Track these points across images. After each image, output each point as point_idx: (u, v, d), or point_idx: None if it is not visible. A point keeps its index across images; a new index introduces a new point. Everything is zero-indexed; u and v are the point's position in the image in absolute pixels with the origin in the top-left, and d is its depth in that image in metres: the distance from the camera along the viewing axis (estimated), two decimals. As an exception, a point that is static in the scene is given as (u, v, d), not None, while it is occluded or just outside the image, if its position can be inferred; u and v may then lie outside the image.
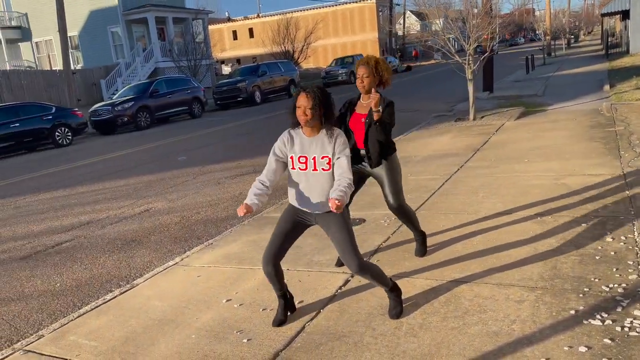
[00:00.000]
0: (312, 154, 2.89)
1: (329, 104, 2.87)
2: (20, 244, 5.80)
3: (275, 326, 3.12)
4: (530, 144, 7.45)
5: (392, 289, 3.08)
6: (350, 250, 2.87)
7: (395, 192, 3.61)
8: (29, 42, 34.40)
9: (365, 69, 3.48)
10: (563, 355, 2.49)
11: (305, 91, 2.84)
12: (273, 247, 2.99)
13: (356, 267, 2.87)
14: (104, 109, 17.72)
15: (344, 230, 2.90)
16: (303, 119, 2.83)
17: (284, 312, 3.18)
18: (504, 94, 15.06)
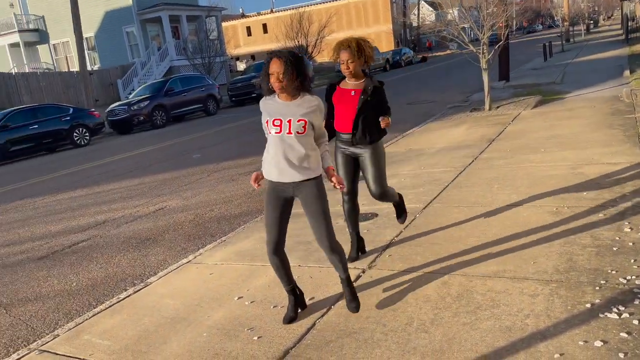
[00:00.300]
0: (288, 117, 2.78)
1: (303, 69, 2.75)
2: (38, 244, 5.89)
3: (286, 323, 3.10)
4: (547, 133, 7.31)
5: (348, 278, 3.10)
6: (323, 225, 2.86)
7: (379, 178, 3.57)
8: (47, 44, 34.90)
9: (348, 54, 3.40)
10: (578, 350, 2.43)
11: (277, 56, 2.72)
12: (271, 238, 2.96)
13: (328, 246, 2.88)
14: (120, 108, 17.91)
15: (319, 203, 2.86)
16: (277, 85, 2.72)
17: (294, 308, 3.16)
18: (521, 83, 14.82)
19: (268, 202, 2.95)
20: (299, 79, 2.73)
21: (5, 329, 3.87)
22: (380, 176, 3.59)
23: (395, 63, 37.02)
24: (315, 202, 2.86)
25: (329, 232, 2.89)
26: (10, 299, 4.43)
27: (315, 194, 2.86)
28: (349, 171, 3.66)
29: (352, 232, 3.88)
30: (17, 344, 3.60)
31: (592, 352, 2.40)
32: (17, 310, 4.18)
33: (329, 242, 2.91)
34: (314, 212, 2.87)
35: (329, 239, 2.90)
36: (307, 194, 2.87)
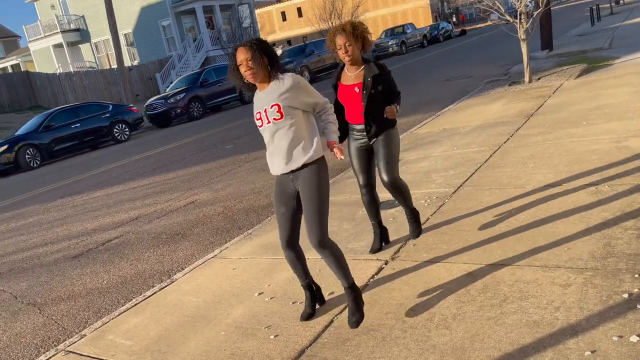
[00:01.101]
0: (264, 106, 2.67)
1: (270, 51, 2.64)
2: (74, 243, 6.03)
3: (303, 320, 3.01)
4: (591, 104, 6.86)
5: (352, 285, 2.81)
6: (315, 217, 2.65)
7: (391, 166, 3.36)
8: (88, 43, 35.91)
9: (345, 37, 3.21)
10: (612, 346, 2.22)
11: (240, 45, 2.62)
12: (284, 233, 2.85)
13: (317, 242, 2.66)
14: (158, 102, 18.22)
15: (313, 190, 2.68)
16: (249, 74, 2.60)
17: (312, 304, 3.06)
18: (565, 51, 14.05)
19: (275, 197, 2.86)
20: (267, 61, 2.63)
21: (38, 329, 3.97)
22: (392, 162, 3.38)
23: (433, 38, 35.99)
24: (308, 188, 2.69)
25: (319, 224, 2.66)
26: (45, 298, 4.54)
27: (310, 180, 2.70)
28: (363, 162, 3.49)
29: (374, 223, 3.71)
30: (48, 344, 3.68)
31: (627, 348, 2.19)
32: (50, 309, 4.28)
33: (318, 236, 2.66)
34: (305, 199, 2.69)
35: (318, 232, 2.66)
36: (302, 180, 2.72)
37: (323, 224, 2.68)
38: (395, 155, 3.41)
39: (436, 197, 4.63)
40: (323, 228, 2.68)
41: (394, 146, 3.40)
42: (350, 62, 3.30)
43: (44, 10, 37.64)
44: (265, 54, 2.61)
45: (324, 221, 2.69)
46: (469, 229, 3.77)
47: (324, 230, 2.68)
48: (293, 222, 2.85)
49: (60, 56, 35.75)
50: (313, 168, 2.73)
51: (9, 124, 23.53)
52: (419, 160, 6.08)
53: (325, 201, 2.72)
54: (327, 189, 2.76)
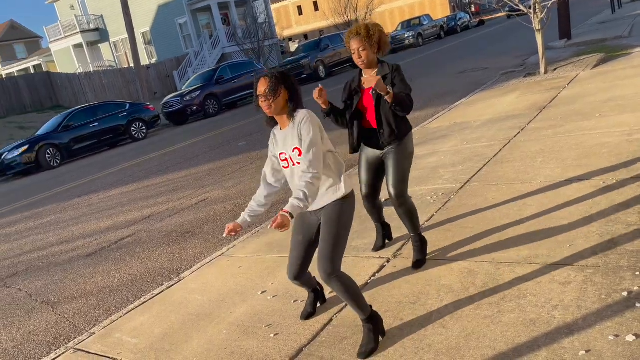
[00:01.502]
0: (289, 147, 2.58)
1: (291, 85, 2.52)
2: (88, 241, 6.16)
3: (303, 319, 3.03)
4: (605, 96, 6.73)
5: (369, 318, 2.58)
6: (327, 252, 2.49)
7: (400, 180, 3.19)
8: (107, 42, 36.38)
9: (358, 42, 3.09)
10: (607, 345, 2.20)
11: (261, 75, 2.53)
12: (295, 262, 2.77)
13: (325, 274, 2.46)
14: (174, 100, 18.41)
15: (334, 223, 2.57)
16: (265, 106, 2.50)
17: (313, 303, 3.08)
18: (584, 40, 13.76)
19: (294, 224, 2.77)
20: (290, 99, 2.52)
21: (50, 327, 4.07)
22: (402, 180, 3.20)
23: (450, 29, 35.57)
24: (329, 218, 2.58)
25: (331, 254, 2.49)
26: (58, 297, 4.65)
27: (332, 212, 2.59)
28: (371, 175, 3.36)
29: (376, 223, 3.69)
30: (59, 342, 3.77)
31: (622, 347, 2.17)
32: (63, 308, 4.38)
33: (326, 268, 2.46)
34: (323, 228, 2.58)
35: (327, 263, 2.47)
36: (326, 214, 2.61)
37: (335, 255, 2.50)
38: (406, 172, 3.23)
39: (442, 193, 4.61)
40: (334, 260, 2.50)
41: (406, 159, 3.22)
42: (364, 66, 3.18)
43: (63, 11, 38.25)
44: (285, 87, 2.50)
45: (336, 253, 2.51)
46: (473, 225, 3.75)
47: (335, 262, 2.50)
48: (307, 252, 2.77)
49: (81, 56, 36.33)
50: (338, 203, 2.62)
51: (31, 124, 24.03)
52: (427, 155, 6.04)
53: (343, 235, 2.57)
54: (349, 223, 2.63)
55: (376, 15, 35.17)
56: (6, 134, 22.73)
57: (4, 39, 54.51)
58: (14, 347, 3.87)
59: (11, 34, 55.48)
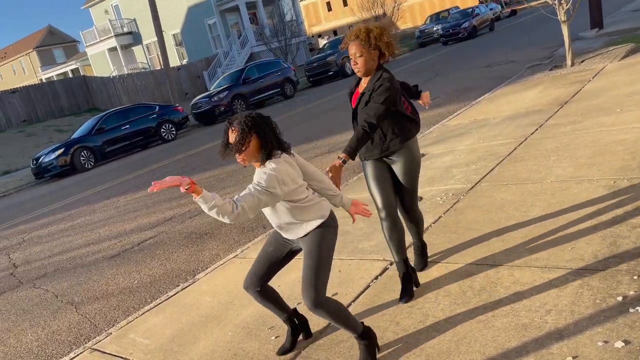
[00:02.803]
0: None
1: (262, 131, 2.31)
2: (113, 243, 6.40)
3: (279, 355, 2.82)
4: (629, 90, 6.55)
5: (362, 335, 2.52)
6: (309, 280, 2.40)
7: (411, 195, 3.02)
8: (140, 45, 37.24)
9: (355, 47, 2.82)
10: (594, 352, 2.19)
11: (230, 125, 2.34)
12: (251, 271, 2.68)
13: (310, 302, 2.37)
14: (203, 100, 18.74)
15: (313, 256, 2.45)
16: (239, 159, 2.34)
17: (292, 338, 2.85)
18: (617, 29, 13.33)
19: (270, 237, 2.73)
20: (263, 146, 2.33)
21: (73, 326, 4.27)
22: (412, 192, 3.03)
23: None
24: (312, 247, 2.47)
25: (314, 282, 2.39)
26: (82, 297, 4.87)
27: (311, 244, 2.48)
28: (381, 179, 3.00)
29: (399, 261, 3.07)
30: (79, 342, 3.96)
31: (609, 354, 2.16)
32: (86, 308, 4.59)
33: (311, 296, 2.37)
34: (305, 265, 2.46)
35: (311, 291, 2.37)
36: (308, 240, 2.51)
37: (318, 282, 2.40)
38: (416, 184, 3.05)
39: (452, 194, 4.60)
40: (318, 288, 2.39)
41: (414, 173, 3.02)
42: (360, 74, 2.91)
43: (98, 16, 39.34)
44: (256, 134, 2.30)
45: (319, 279, 2.41)
46: (478, 227, 3.75)
47: (319, 290, 2.39)
48: (271, 265, 2.67)
49: (115, 59, 37.32)
50: (322, 229, 2.51)
51: (68, 127, 24.88)
52: (443, 154, 6.02)
53: (326, 260, 2.47)
54: (332, 246, 2.52)
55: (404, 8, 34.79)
56: (45, 137, 23.61)
57: (43, 44, 56.45)
58: (37, 347, 4.08)
59: (49, 39, 57.40)
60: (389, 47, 2.88)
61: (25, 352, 4.04)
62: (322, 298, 2.40)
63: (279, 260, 2.69)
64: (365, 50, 2.82)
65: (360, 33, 2.84)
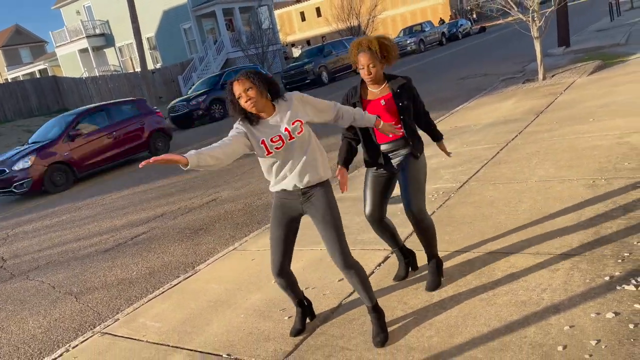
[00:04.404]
0: (283, 126, 2.62)
1: (268, 79, 2.64)
2: (105, 238, 6.44)
3: (293, 336, 2.99)
4: (599, 102, 7.02)
5: (374, 307, 2.77)
6: (338, 238, 2.63)
7: (417, 194, 3.02)
8: (113, 47, 36.77)
9: (369, 58, 2.97)
10: (589, 322, 2.47)
11: (236, 78, 2.59)
12: (278, 258, 2.81)
13: (343, 262, 2.63)
14: (180, 104, 18.72)
15: (329, 211, 2.66)
16: (250, 104, 2.55)
17: (302, 320, 3.05)
18: (582, 47, 14.06)
19: (273, 220, 2.81)
20: (270, 91, 2.64)
21: (75, 314, 4.35)
22: (419, 192, 3.04)
23: (451, 36, 35.92)
24: (325, 211, 2.66)
25: (341, 246, 2.64)
26: (80, 288, 4.93)
27: (324, 202, 2.68)
28: (377, 192, 3.15)
29: (395, 249, 3.36)
30: (84, 328, 4.05)
31: (602, 323, 2.44)
32: (86, 297, 4.66)
33: (343, 259, 2.64)
34: (324, 221, 2.65)
35: (342, 253, 2.63)
36: (315, 203, 2.69)
37: (345, 244, 2.66)
38: (423, 185, 3.09)
39: (443, 192, 4.89)
40: (346, 248, 2.65)
41: (421, 173, 3.09)
42: (372, 82, 3.06)
43: (69, 16, 38.67)
44: (265, 82, 2.61)
45: (345, 241, 2.66)
46: (471, 220, 4.03)
47: (348, 250, 2.66)
48: (289, 246, 2.81)
49: (86, 60, 36.71)
50: (326, 188, 2.71)
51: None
52: (429, 157, 6.32)
53: (340, 220, 2.69)
54: (336, 204, 2.74)
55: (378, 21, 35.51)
56: (14, 137, 23.04)
57: (9, 44, 54.99)
58: (41, 333, 4.14)
59: (16, 38, 55.96)
60: (394, 58, 3.09)
61: (29, 338, 4.09)
62: (352, 257, 2.66)
63: (291, 237, 2.81)
64: (377, 60, 3.00)
65: (372, 44, 3.00)
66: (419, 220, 3.02)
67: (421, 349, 2.59)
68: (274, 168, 2.69)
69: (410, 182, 3.03)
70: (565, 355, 2.29)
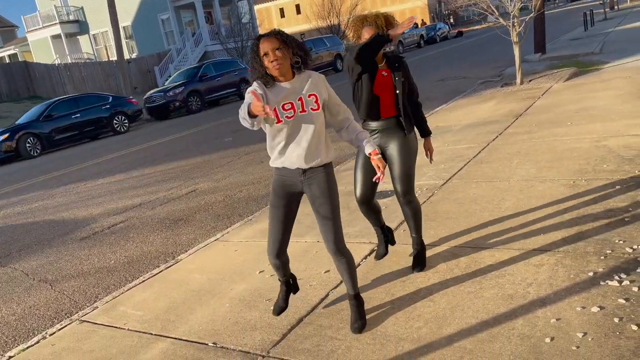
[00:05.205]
0: (297, 95, 2.54)
1: (299, 43, 2.53)
2: (80, 226, 6.30)
3: (276, 315, 3.00)
4: (576, 106, 7.19)
5: (356, 295, 2.82)
6: (333, 222, 2.63)
7: (408, 176, 3.12)
8: (87, 34, 35.97)
9: (375, 32, 2.95)
10: (575, 315, 2.53)
11: (266, 35, 2.48)
12: (277, 239, 2.75)
13: (335, 247, 2.64)
14: (157, 95, 18.43)
15: (329, 196, 2.63)
16: (275, 64, 2.44)
17: (286, 298, 3.02)
18: (558, 54, 14.39)
19: (275, 199, 2.73)
20: (296, 54, 2.51)
21: (50, 302, 4.23)
22: (409, 175, 3.13)
23: (430, 39, 36.36)
24: (325, 194, 2.62)
25: (336, 231, 2.64)
26: (55, 275, 4.80)
27: (325, 186, 2.63)
28: (368, 172, 3.18)
29: (377, 228, 3.48)
30: (61, 316, 3.94)
31: (588, 317, 2.50)
32: (61, 285, 4.54)
33: (336, 244, 2.65)
34: (322, 204, 2.63)
35: (336, 240, 2.64)
36: (317, 184, 2.63)
37: (340, 229, 2.65)
38: (413, 168, 3.16)
39: (426, 188, 4.94)
40: (340, 234, 2.65)
41: (412, 157, 3.15)
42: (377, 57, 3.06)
43: (43, 1, 37.64)
44: (294, 45, 2.50)
45: (340, 226, 2.66)
46: (455, 216, 4.08)
47: (342, 236, 2.66)
48: (289, 226, 2.75)
49: (58, 47, 35.80)
50: (329, 171, 2.67)
51: (7, 113, 23.64)
52: (411, 155, 6.37)
53: (338, 207, 2.67)
54: (337, 188, 2.71)
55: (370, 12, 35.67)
56: (-19, 122, 22.32)
57: (-22, 27, 53.18)
58: (15, 320, 4.02)
59: (-15, 21, 54.17)
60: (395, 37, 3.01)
61: (3, 325, 3.97)
62: (344, 244, 2.68)
63: (292, 218, 2.76)
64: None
65: (378, 20, 3.02)
66: (409, 201, 3.15)
67: (411, 340, 2.61)
68: (279, 142, 2.60)
69: (401, 165, 3.11)
70: (553, 346, 2.33)
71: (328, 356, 2.60)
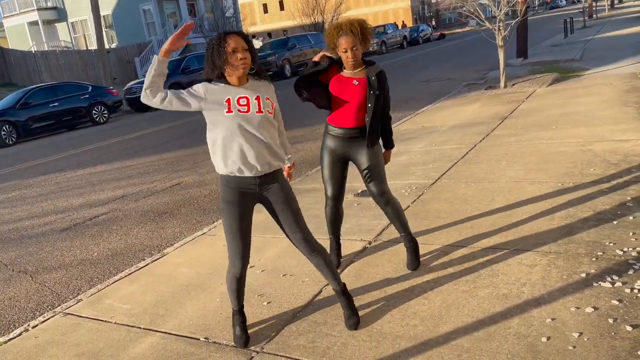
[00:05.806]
0: (255, 94, 2.48)
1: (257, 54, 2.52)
2: (61, 217, 6.14)
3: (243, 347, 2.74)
4: (560, 111, 7.30)
5: (343, 291, 2.80)
6: (303, 221, 2.66)
7: (381, 177, 3.17)
8: (65, 22, 35.17)
9: (352, 41, 2.92)
10: (569, 315, 2.55)
11: (234, 33, 2.42)
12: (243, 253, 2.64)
13: (311, 248, 2.66)
14: (138, 86, 18.11)
15: (294, 197, 2.66)
16: (243, 63, 2.38)
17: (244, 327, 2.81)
18: (539, 60, 14.61)
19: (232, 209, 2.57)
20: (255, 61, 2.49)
21: (31, 294, 4.11)
22: (382, 174, 3.17)
23: (412, 40, 36.58)
24: (286, 197, 2.61)
25: (305, 230, 2.66)
26: (36, 267, 4.67)
27: (286, 189, 2.63)
28: (336, 173, 3.23)
29: (333, 237, 3.52)
30: (42, 308, 3.84)
31: (582, 317, 2.52)
32: (43, 277, 4.42)
33: (309, 244, 2.66)
34: (286, 208, 2.61)
35: (307, 239, 2.66)
36: (276, 189, 2.60)
37: (308, 230, 2.69)
38: (384, 170, 3.21)
39: (416, 187, 4.95)
40: (310, 234, 2.69)
41: (379, 156, 3.18)
42: (352, 65, 3.02)
43: (19, -14, 36.64)
44: (253, 52, 2.47)
45: (307, 227, 2.69)
46: (446, 216, 4.09)
47: (312, 236, 2.69)
48: (249, 237, 2.66)
49: (35, 34, 34.92)
50: (281, 177, 2.67)
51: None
52: (399, 154, 6.39)
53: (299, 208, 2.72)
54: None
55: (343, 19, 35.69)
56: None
57: (-49, 10, 51.52)
58: (-5, 312, 3.89)
59: (-42, 4, 52.50)
60: (368, 44, 3.07)
61: (-18, 317, 3.84)
62: (317, 241, 2.70)
63: (250, 227, 2.67)
64: (359, 43, 2.97)
65: (354, 27, 2.95)
66: (387, 200, 3.19)
67: (407, 337, 2.60)
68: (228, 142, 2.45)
69: (373, 169, 3.13)
70: (550, 345, 2.35)
71: (324, 352, 2.58)
